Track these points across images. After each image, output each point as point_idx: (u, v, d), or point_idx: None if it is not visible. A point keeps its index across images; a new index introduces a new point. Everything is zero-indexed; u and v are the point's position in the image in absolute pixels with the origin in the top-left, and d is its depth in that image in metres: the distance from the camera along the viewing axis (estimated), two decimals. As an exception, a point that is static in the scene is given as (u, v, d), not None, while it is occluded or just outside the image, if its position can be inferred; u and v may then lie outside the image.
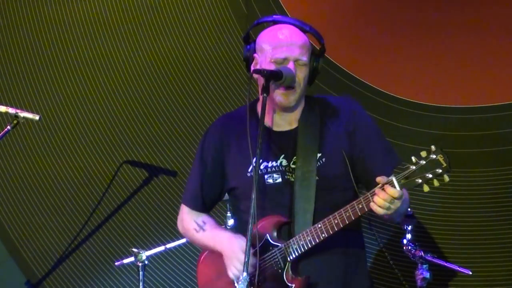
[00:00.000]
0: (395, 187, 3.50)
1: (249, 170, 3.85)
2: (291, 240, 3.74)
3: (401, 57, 5.56)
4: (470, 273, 4.93)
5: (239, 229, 3.94)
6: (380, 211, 3.56)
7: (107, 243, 5.86)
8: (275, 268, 3.76)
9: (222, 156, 3.95)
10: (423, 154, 3.47)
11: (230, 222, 5.16)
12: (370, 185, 3.66)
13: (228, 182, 3.95)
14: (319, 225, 3.68)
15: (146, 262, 5.06)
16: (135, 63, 5.90)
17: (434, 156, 3.46)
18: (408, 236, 4.90)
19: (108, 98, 5.92)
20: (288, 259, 3.75)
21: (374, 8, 5.58)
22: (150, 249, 5.18)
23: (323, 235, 3.68)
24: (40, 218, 5.92)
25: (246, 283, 3.45)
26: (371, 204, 3.56)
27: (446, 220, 5.39)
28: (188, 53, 5.84)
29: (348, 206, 3.63)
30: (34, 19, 5.96)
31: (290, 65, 3.77)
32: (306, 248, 3.71)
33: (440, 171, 3.47)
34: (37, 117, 5.10)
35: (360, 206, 3.61)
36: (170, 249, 5.28)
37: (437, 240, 5.41)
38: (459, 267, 4.93)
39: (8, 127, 5.10)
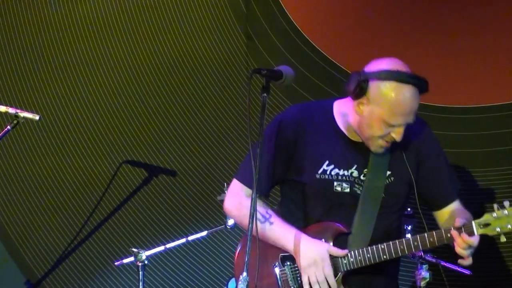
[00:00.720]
0: (473, 232, 3.55)
1: (319, 172, 3.84)
2: (354, 251, 3.75)
3: (401, 57, 5.55)
4: (470, 273, 4.92)
5: (298, 221, 3.91)
6: (461, 252, 3.69)
7: (107, 243, 5.86)
8: None
9: (294, 149, 3.89)
10: (506, 204, 3.48)
11: (230, 222, 5.16)
12: (430, 204, 3.83)
13: (297, 175, 3.89)
14: (383, 246, 3.71)
15: (146, 262, 5.05)
16: (135, 63, 5.89)
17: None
18: (408, 236, 4.89)
19: (108, 98, 5.92)
20: (342, 269, 3.74)
21: (374, 8, 5.58)
22: (149, 249, 5.17)
23: (384, 257, 3.70)
24: (40, 218, 5.92)
25: (246, 283, 3.44)
26: (456, 248, 3.67)
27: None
28: (188, 53, 5.84)
29: (418, 235, 3.67)
30: (34, 20, 5.96)
31: (400, 129, 3.73)
32: (363, 264, 3.73)
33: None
34: (37, 117, 5.10)
35: (432, 239, 3.67)
36: (170, 249, 5.28)
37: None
38: (459, 267, 4.93)
39: (8, 127, 5.09)
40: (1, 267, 5.94)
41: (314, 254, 3.76)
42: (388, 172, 3.81)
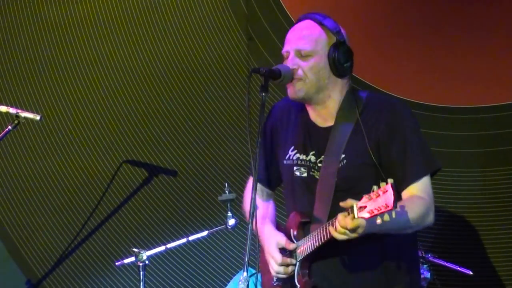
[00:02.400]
0: (354, 216, 3.40)
1: (286, 158, 3.86)
2: (300, 241, 3.74)
3: (401, 57, 5.56)
4: (471, 273, 4.93)
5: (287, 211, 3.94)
6: (337, 235, 3.49)
7: (108, 243, 5.86)
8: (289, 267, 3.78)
9: (277, 137, 3.95)
10: (382, 185, 3.37)
11: (231, 222, 5.16)
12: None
13: (278, 163, 3.95)
14: (314, 233, 3.67)
15: (147, 262, 5.05)
16: (135, 63, 5.90)
17: (381, 193, 3.32)
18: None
19: (108, 98, 5.93)
20: (298, 259, 3.74)
21: (374, 7, 5.58)
22: (150, 249, 5.17)
23: (316, 244, 3.66)
24: (40, 218, 5.92)
25: (246, 283, 3.44)
26: (332, 232, 3.49)
27: (446, 220, 5.39)
28: (188, 53, 5.84)
29: (321, 227, 3.60)
30: (34, 20, 5.96)
31: (289, 57, 3.76)
32: (309, 251, 3.69)
33: (384, 209, 3.31)
34: (38, 117, 5.10)
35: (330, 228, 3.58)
36: (170, 249, 5.27)
37: (438, 240, 5.41)
38: (459, 267, 4.93)
39: (9, 127, 5.10)
40: (2, 267, 5.94)
41: (267, 247, 3.80)
42: (342, 156, 3.74)
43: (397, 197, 3.32)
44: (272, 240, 3.80)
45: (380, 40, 5.57)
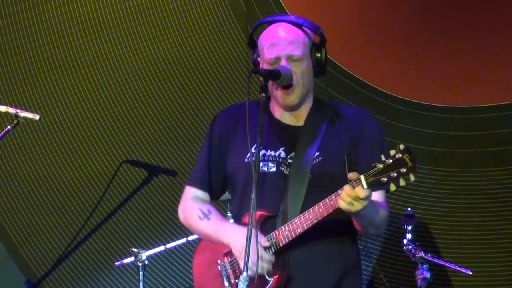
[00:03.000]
0: (363, 185, 3.48)
1: (247, 156, 3.84)
2: (270, 235, 3.73)
3: (401, 57, 5.56)
4: (471, 273, 4.92)
5: (239, 211, 3.92)
6: (343, 205, 3.51)
7: (107, 243, 5.86)
8: None
9: (227, 142, 3.93)
10: (392, 152, 3.44)
11: (230, 221, 5.16)
12: None
13: (227, 166, 3.93)
14: (296, 221, 3.67)
15: (146, 262, 5.06)
16: (135, 63, 5.90)
17: (400, 155, 3.42)
18: (409, 236, 4.90)
19: (108, 98, 5.93)
20: (269, 251, 3.73)
21: (374, 7, 5.58)
22: (150, 249, 5.17)
23: (299, 230, 3.66)
24: (40, 218, 5.92)
25: (246, 283, 3.44)
26: (338, 200, 3.53)
27: (446, 220, 5.39)
28: (188, 53, 5.84)
29: (321, 202, 3.62)
30: (34, 20, 5.96)
31: (283, 63, 3.77)
32: (283, 242, 3.68)
33: (405, 170, 3.41)
34: (37, 117, 5.10)
35: (332, 202, 3.59)
36: (170, 249, 5.28)
37: (438, 240, 5.41)
38: (459, 267, 4.93)
39: (9, 127, 5.10)
40: (1, 267, 5.94)
41: (242, 242, 3.67)
42: (317, 153, 3.78)
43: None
44: (243, 237, 3.77)
45: (380, 40, 5.56)
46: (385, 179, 3.44)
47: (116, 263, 5.40)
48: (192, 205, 4.00)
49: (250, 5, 5.75)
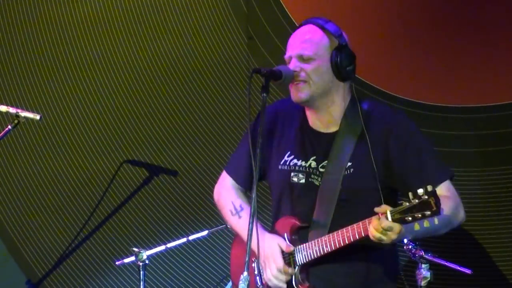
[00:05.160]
0: (388, 219, 3.48)
1: (281, 163, 3.83)
2: (301, 246, 3.73)
3: (401, 56, 5.56)
4: (471, 272, 4.92)
5: (274, 215, 3.94)
6: (372, 238, 3.54)
7: (108, 242, 5.86)
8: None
9: (270, 140, 3.92)
10: (420, 192, 3.42)
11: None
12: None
13: (270, 168, 3.93)
14: (325, 238, 3.66)
15: (147, 262, 5.05)
16: (135, 62, 5.90)
17: (426, 197, 3.41)
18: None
19: (109, 98, 5.93)
20: (298, 263, 3.74)
21: (374, 7, 5.58)
22: (150, 248, 5.17)
23: (327, 249, 3.65)
24: (40, 217, 5.92)
25: (246, 283, 3.44)
26: (364, 226, 3.54)
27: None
28: (189, 53, 5.84)
29: (349, 226, 3.61)
30: (34, 19, 5.96)
31: (291, 62, 3.76)
32: (313, 257, 3.69)
33: (429, 213, 3.43)
34: (38, 117, 5.10)
35: (359, 230, 3.59)
36: (171, 248, 5.28)
37: (438, 239, 5.41)
38: (459, 266, 4.93)
39: (9, 126, 5.10)
40: (2, 267, 5.94)
41: (266, 249, 3.76)
42: (349, 164, 3.75)
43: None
44: (273, 242, 3.79)
45: (380, 40, 5.56)
46: (410, 218, 3.45)
47: (116, 263, 5.40)
48: (227, 195, 3.98)
49: (250, 5, 5.75)
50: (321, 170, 3.78)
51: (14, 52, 5.97)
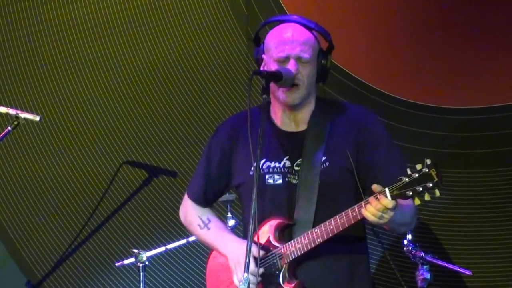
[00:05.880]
0: (387, 197, 3.49)
1: (252, 169, 3.84)
2: (289, 243, 3.74)
3: (401, 58, 5.56)
4: (471, 273, 4.93)
5: (242, 226, 3.98)
6: (372, 219, 3.54)
7: (108, 243, 5.86)
8: (273, 269, 3.77)
9: (229, 154, 3.93)
10: (418, 167, 3.45)
11: (231, 222, 5.16)
12: (368, 193, 3.63)
13: (233, 179, 3.95)
14: (316, 230, 3.67)
15: (147, 263, 5.06)
16: (135, 63, 5.90)
17: (427, 170, 3.43)
18: (409, 236, 4.90)
19: (108, 99, 5.93)
20: (285, 261, 3.75)
21: (374, 7, 5.58)
22: (150, 249, 5.18)
23: (319, 240, 3.66)
24: (40, 218, 5.92)
25: (246, 284, 3.44)
26: (363, 211, 3.55)
27: (446, 220, 5.39)
28: (188, 53, 5.84)
29: (343, 212, 3.62)
30: (34, 20, 5.96)
31: (291, 63, 3.75)
32: (302, 251, 3.70)
33: (431, 185, 3.43)
34: (37, 118, 5.10)
35: (354, 213, 3.59)
36: (170, 249, 5.28)
37: (438, 240, 5.41)
38: (459, 267, 4.93)
39: (9, 128, 5.10)
40: (2, 268, 5.94)
41: (237, 254, 3.78)
42: (323, 158, 3.77)
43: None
44: (240, 248, 3.78)
45: (380, 40, 5.56)
46: (410, 193, 3.45)
47: (116, 264, 5.40)
48: (193, 213, 4.06)
49: (250, 6, 5.75)
50: (296, 168, 3.81)
51: (14, 54, 5.97)
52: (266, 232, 3.80)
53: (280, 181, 3.82)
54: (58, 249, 5.89)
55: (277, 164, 3.84)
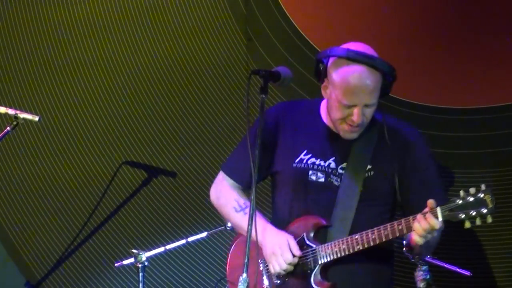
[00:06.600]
0: (437, 217, 3.50)
1: (296, 161, 3.84)
2: (326, 244, 3.75)
3: (400, 57, 5.55)
4: (470, 274, 4.92)
5: (274, 215, 3.96)
6: (417, 239, 3.56)
7: (107, 244, 5.86)
8: (305, 268, 3.77)
9: (275, 140, 3.93)
10: (472, 191, 3.47)
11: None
12: (406, 211, 3.70)
13: (274, 166, 3.93)
14: (356, 236, 3.69)
15: (146, 263, 5.05)
16: (135, 64, 5.89)
17: (482, 195, 3.45)
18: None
19: (108, 99, 5.92)
20: (319, 262, 3.75)
21: (373, 7, 5.57)
22: (150, 250, 5.17)
23: (358, 247, 3.69)
24: (39, 219, 5.92)
25: (246, 284, 3.44)
26: (412, 229, 3.55)
27: (446, 220, 5.38)
28: (187, 53, 5.84)
29: (388, 224, 3.64)
30: (34, 20, 5.96)
31: (356, 113, 3.71)
32: (338, 255, 3.72)
33: (485, 211, 3.47)
34: (36, 118, 5.09)
35: (400, 227, 3.62)
36: (170, 250, 5.28)
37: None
38: (459, 268, 4.93)
39: (8, 128, 5.10)
40: (1, 268, 5.94)
41: (273, 244, 3.78)
42: (369, 166, 3.80)
43: None
44: (282, 237, 3.78)
45: (380, 40, 5.56)
46: (462, 216, 3.46)
47: (116, 264, 5.40)
48: (229, 194, 4.00)
49: (249, 6, 5.75)
50: (340, 171, 3.82)
51: (13, 54, 5.97)
52: (302, 229, 3.80)
53: (322, 179, 3.83)
54: (57, 249, 5.89)
55: (322, 163, 3.84)
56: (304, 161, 3.85)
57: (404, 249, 3.84)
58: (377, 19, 5.56)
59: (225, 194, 4.04)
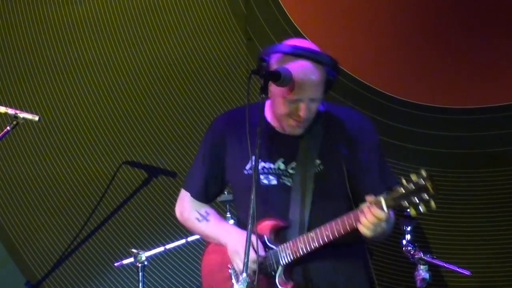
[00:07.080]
0: (382, 208, 3.49)
1: (246, 167, 3.85)
2: (284, 245, 3.75)
3: (400, 57, 5.56)
4: (470, 273, 4.93)
5: (237, 223, 3.99)
6: (366, 233, 3.54)
7: (107, 243, 5.86)
8: (269, 270, 3.78)
9: (223, 151, 3.94)
10: (413, 177, 3.43)
11: (230, 222, 5.16)
12: (359, 201, 3.64)
13: (227, 176, 3.96)
14: (311, 234, 3.68)
15: (146, 263, 5.06)
16: (135, 63, 5.90)
17: (423, 182, 3.42)
18: (408, 236, 4.90)
19: (108, 99, 5.93)
20: (281, 263, 3.75)
21: (373, 7, 5.58)
22: (149, 249, 5.18)
23: (314, 244, 3.67)
24: (39, 218, 5.92)
25: (246, 284, 3.45)
26: (358, 225, 3.54)
27: (445, 220, 5.39)
28: (188, 53, 5.84)
29: (339, 219, 3.62)
30: (34, 20, 5.96)
31: (302, 107, 3.70)
32: (298, 255, 3.71)
33: (427, 197, 3.42)
34: (36, 118, 5.09)
35: (350, 221, 3.60)
36: (169, 249, 5.28)
37: (437, 240, 5.41)
38: (458, 267, 4.93)
39: (8, 127, 5.09)
40: (1, 268, 5.94)
41: (236, 243, 3.79)
42: (318, 161, 3.79)
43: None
44: (244, 236, 3.75)
45: (380, 41, 5.56)
46: (406, 204, 3.44)
47: (115, 264, 5.40)
48: (190, 208, 4.05)
49: (249, 6, 5.75)
50: (290, 171, 3.81)
51: (13, 53, 5.97)
52: (263, 232, 3.80)
53: (275, 182, 3.83)
54: (57, 249, 5.89)
55: (271, 165, 3.84)
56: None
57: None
58: (377, 19, 5.56)
59: (187, 207, 4.07)
